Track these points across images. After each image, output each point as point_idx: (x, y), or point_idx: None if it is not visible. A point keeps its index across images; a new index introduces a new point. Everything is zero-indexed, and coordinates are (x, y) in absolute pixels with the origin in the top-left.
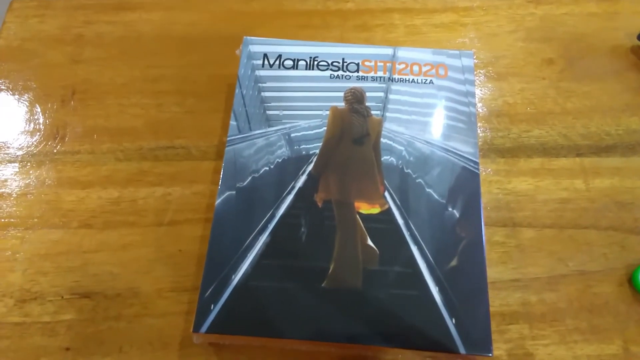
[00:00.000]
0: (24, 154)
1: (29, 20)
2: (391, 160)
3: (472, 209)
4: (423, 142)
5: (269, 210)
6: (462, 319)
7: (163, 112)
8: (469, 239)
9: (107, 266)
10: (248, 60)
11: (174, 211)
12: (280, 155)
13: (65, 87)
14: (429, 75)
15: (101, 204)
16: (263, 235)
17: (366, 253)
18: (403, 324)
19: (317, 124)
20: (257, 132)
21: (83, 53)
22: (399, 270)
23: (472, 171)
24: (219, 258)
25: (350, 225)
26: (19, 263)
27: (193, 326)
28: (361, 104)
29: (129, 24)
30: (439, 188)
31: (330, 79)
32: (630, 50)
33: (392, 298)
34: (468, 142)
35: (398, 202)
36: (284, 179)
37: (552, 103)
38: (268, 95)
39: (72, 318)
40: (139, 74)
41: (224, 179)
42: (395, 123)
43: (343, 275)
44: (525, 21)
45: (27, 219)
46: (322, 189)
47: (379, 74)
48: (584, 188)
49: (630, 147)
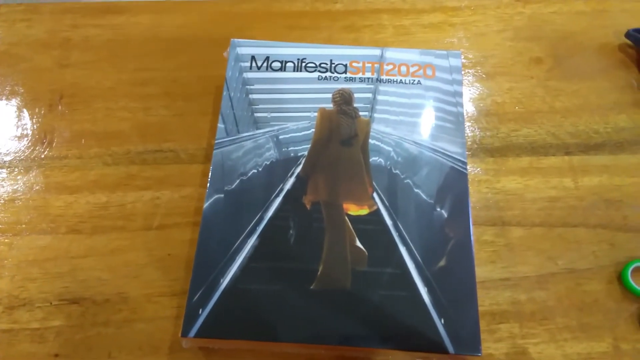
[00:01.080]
0: (11, 159)
1: (16, 24)
2: (380, 161)
3: (460, 208)
4: (411, 143)
5: (257, 213)
6: (451, 319)
7: (151, 116)
8: (458, 238)
9: (95, 271)
10: (236, 63)
11: (162, 215)
12: (268, 158)
13: (53, 92)
14: (416, 75)
15: (89, 209)
16: (252, 238)
17: (355, 254)
18: (393, 325)
19: (305, 125)
20: (245, 135)
21: (70, 57)
22: (388, 271)
23: (460, 171)
24: (207, 262)
25: (339, 226)
26: (6, 269)
27: (181, 331)
28: (349, 105)
29: (116, 27)
30: (427, 188)
31: (318, 80)
32: (618, 48)
33: (382, 299)
34: (456, 142)
35: (387, 203)
36: (272, 181)
37: (540, 102)
38: (256, 97)
39: (60, 324)
40: (127, 77)
41: (212, 182)
42: (384, 124)
43: (332, 276)
44: (514, 20)
45: (14, 225)
46: (311, 190)
47: (366, 75)
48: (572, 186)
49: (619, 144)
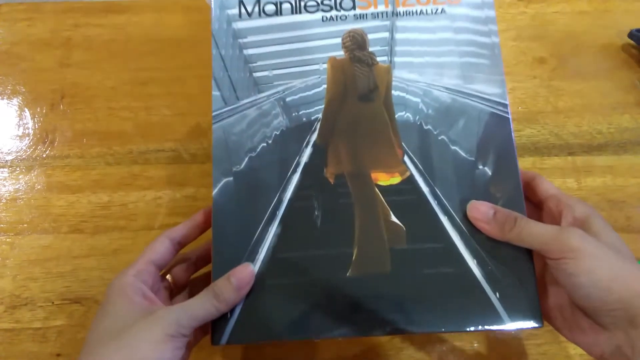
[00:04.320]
0: (13, 158)
1: (18, 24)
2: (407, 116)
3: (506, 161)
4: (442, 90)
5: (274, 195)
6: (506, 291)
7: (153, 115)
8: (507, 197)
9: (97, 271)
10: (222, 11)
11: (164, 215)
12: (277, 127)
13: (55, 91)
14: (439, 2)
15: (91, 208)
16: (272, 225)
17: (391, 231)
18: (443, 306)
19: (315, 81)
20: (247, 102)
21: (72, 56)
22: (431, 247)
23: (501, 116)
24: (227, 258)
25: (370, 201)
26: (8, 269)
27: (211, 338)
28: (363, 50)
29: (117, 26)
30: (466, 143)
31: (322, 22)
32: (622, 49)
33: (427, 279)
34: (493, 81)
35: (420, 167)
36: (286, 154)
37: (543, 102)
38: (252, 53)
39: (62, 324)
40: (128, 76)
41: (217, 164)
42: (407, 69)
43: (369, 259)
44: (516, 20)
45: (16, 224)
46: (332, 161)
47: (379, 9)
48: (576, 187)
49: (622, 145)
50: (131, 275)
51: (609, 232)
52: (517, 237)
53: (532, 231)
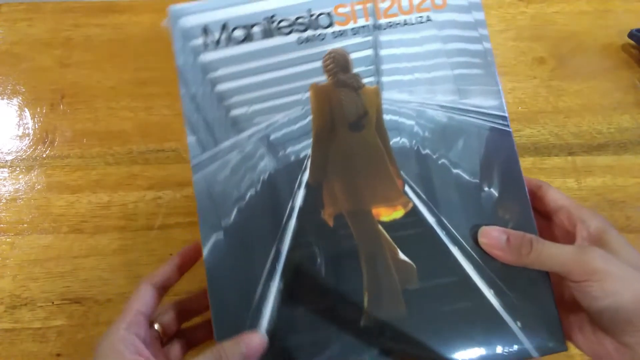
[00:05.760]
0: (13, 158)
1: (18, 23)
2: (402, 141)
3: (512, 179)
4: (436, 108)
5: (271, 247)
6: (527, 319)
7: (153, 115)
8: (517, 218)
9: (97, 271)
10: (185, 42)
11: (164, 215)
12: (264, 170)
13: (55, 91)
14: (423, 9)
15: (91, 208)
16: (273, 281)
17: (401, 270)
18: (465, 342)
19: (299, 113)
20: (227, 144)
21: (72, 56)
22: (444, 281)
23: (502, 130)
24: (229, 324)
25: (374, 240)
26: (8, 269)
27: None
28: (347, 72)
29: (117, 26)
30: (468, 164)
31: (299, 45)
32: (622, 48)
33: (446, 316)
34: (489, 93)
35: (423, 196)
36: (278, 200)
37: (543, 102)
38: (225, 88)
39: (62, 324)
40: (128, 76)
41: (203, 219)
42: (396, 89)
43: (382, 304)
44: (516, 20)
45: (16, 224)
46: (328, 201)
47: (359, 23)
48: (576, 187)
49: (622, 145)
50: (123, 329)
51: (627, 248)
52: (536, 261)
53: (551, 253)
